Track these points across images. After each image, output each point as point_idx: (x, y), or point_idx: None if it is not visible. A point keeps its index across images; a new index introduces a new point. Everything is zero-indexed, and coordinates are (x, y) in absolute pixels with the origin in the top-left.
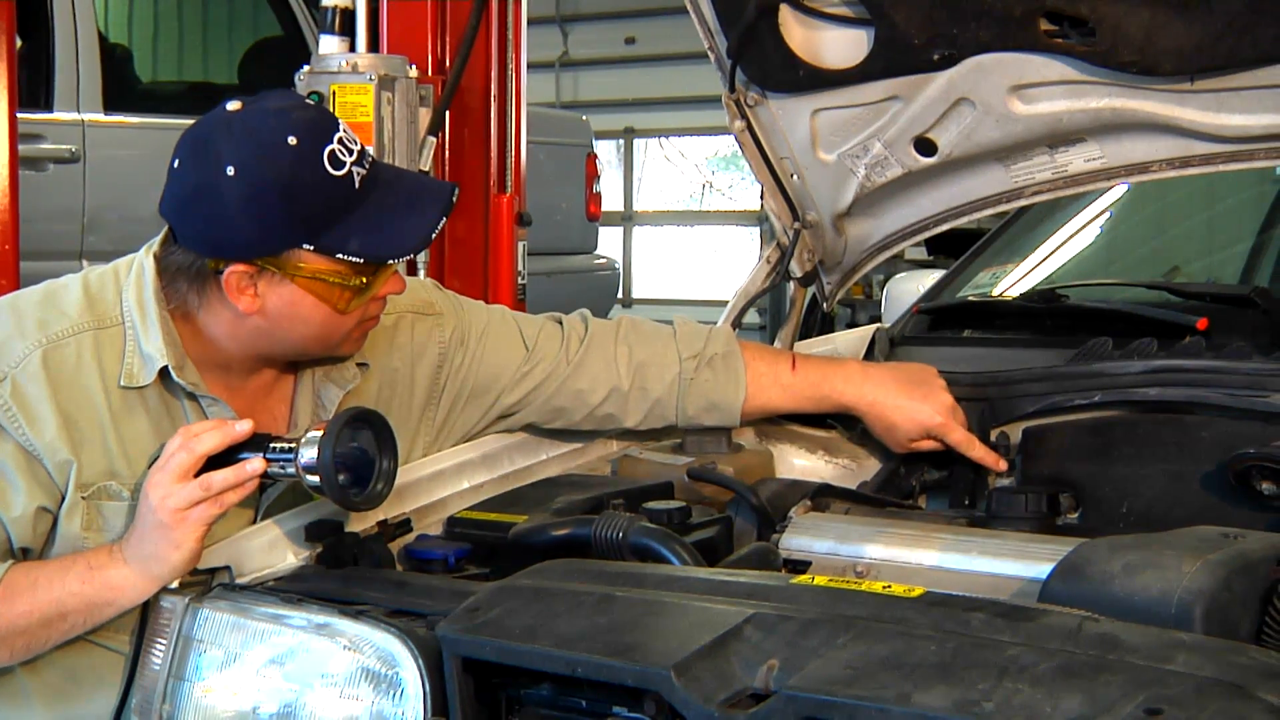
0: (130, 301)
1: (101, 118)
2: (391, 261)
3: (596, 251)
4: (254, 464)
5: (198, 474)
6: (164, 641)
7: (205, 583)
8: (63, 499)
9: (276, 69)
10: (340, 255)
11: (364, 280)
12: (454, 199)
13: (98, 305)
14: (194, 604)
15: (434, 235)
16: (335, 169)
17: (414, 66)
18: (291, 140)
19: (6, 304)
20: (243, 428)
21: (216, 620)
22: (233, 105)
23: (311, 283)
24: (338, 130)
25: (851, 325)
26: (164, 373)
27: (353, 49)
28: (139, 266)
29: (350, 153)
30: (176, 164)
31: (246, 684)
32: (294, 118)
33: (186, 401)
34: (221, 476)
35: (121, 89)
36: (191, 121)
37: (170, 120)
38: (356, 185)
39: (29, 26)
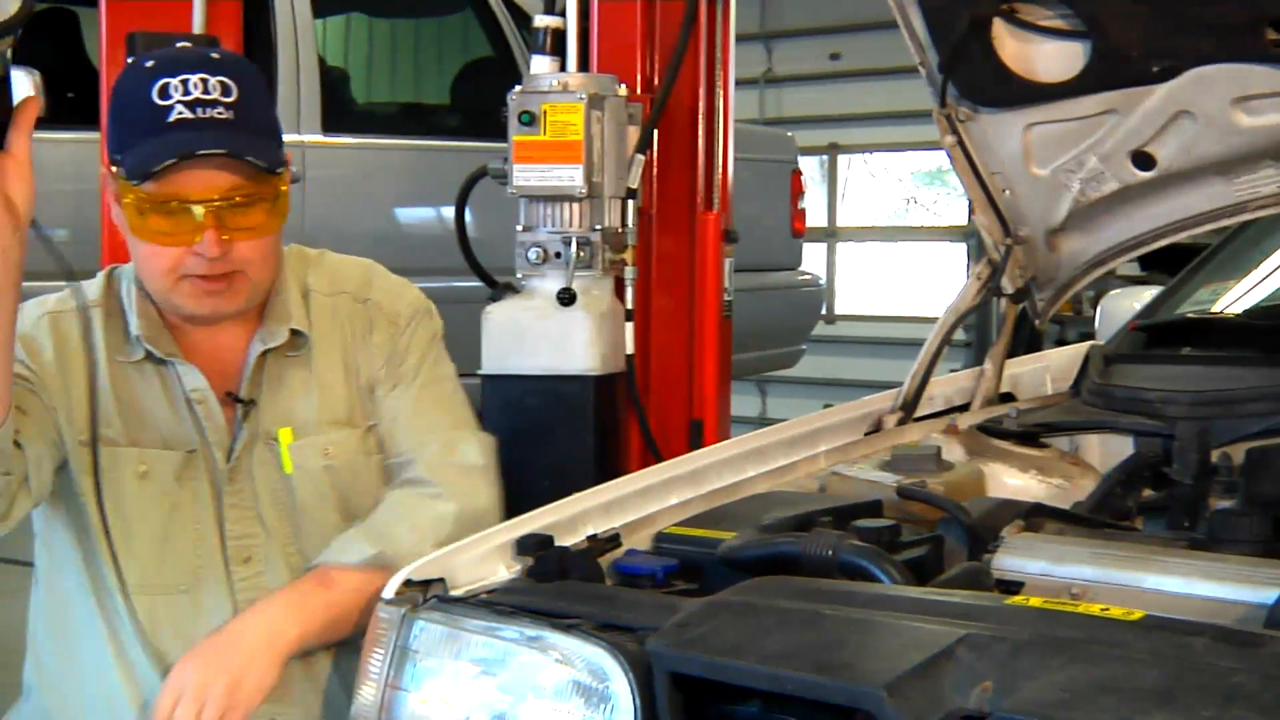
0: (123, 290)
1: (320, 139)
2: (135, 183)
3: (800, 268)
4: None
5: None
6: (381, 652)
7: (420, 595)
8: (61, 440)
9: (487, 89)
10: (118, 168)
11: (137, 203)
12: (200, 153)
13: (108, 292)
14: (410, 615)
15: (152, 170)
16: (160, 99)
17: (623, 85)
18: (148, 64)
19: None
20: None
21: (431, 631)
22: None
23: (122, 199)
24: (191, 74)
25: (1060, 342)
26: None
27: (563, 68)
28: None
29: (188, 94)
30: None
31: (460, 694)
32: (172, 52)
33: (170, 368)
34: None
35: (339, 110)
36: (405, 142)
37: (384, 140)
38: (170, 119)
39: (253, 50)
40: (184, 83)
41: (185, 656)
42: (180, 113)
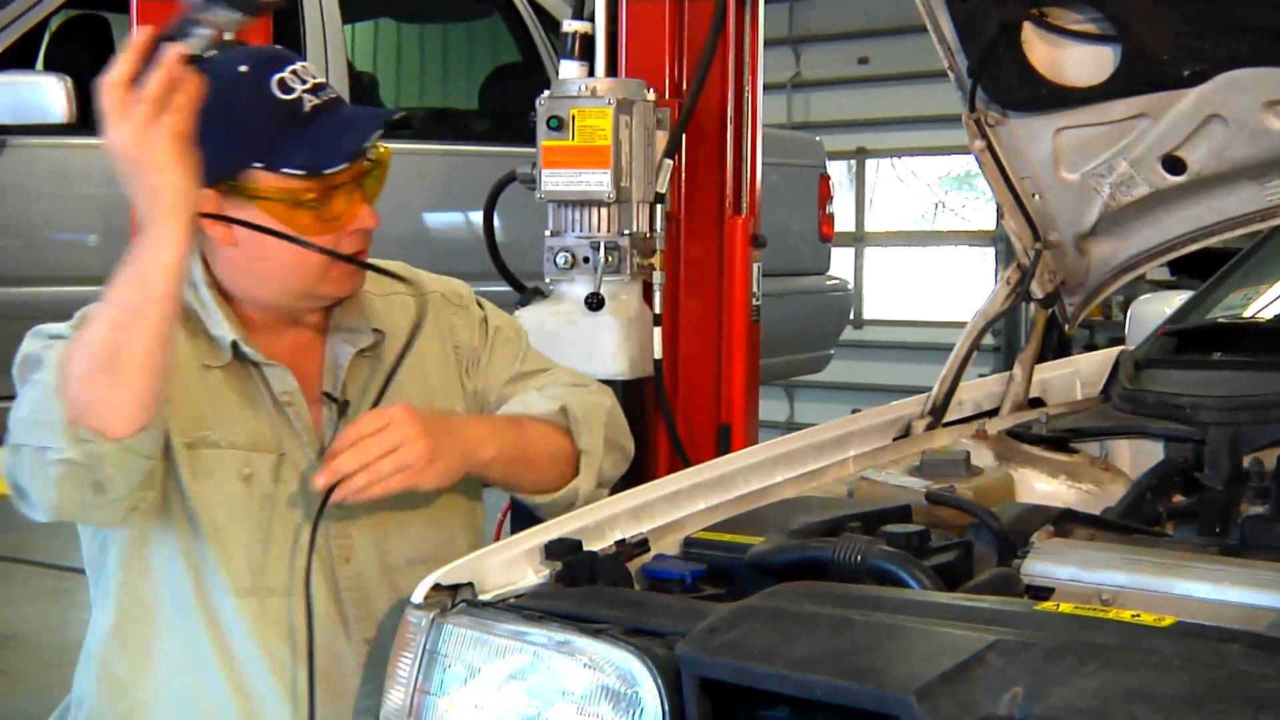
0: (189, 296)
1: None
2: (333, 170)
3: (828, 273)
4: (166, 44)
5: None
6: (409, 655)
7: (449, 599)
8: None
9: (515, 94)
10: (285, 170)
11: (313, 198)
12: (385, 119)
13: None
14: (439, 619)
15: (363, 147)
16: (283, 93)
17: (652, 90)
18: (242, 69)
19: None
20: (141, 34)
21: (459, 636)
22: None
23: (270, 204)
24: (292, 64)
25: (1090, 347)
26: (235, 350)
27: (591, 73)
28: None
29: (304, 82)
30: None
31: (488, 699)
32: (248, 51)
33: (255, 371)
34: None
35: None
36: (433, 147)
37: (414, 145)
38: (306, 109)
39: None
40: (294, 74)
41: (407, 406)
42: (311, 100)
